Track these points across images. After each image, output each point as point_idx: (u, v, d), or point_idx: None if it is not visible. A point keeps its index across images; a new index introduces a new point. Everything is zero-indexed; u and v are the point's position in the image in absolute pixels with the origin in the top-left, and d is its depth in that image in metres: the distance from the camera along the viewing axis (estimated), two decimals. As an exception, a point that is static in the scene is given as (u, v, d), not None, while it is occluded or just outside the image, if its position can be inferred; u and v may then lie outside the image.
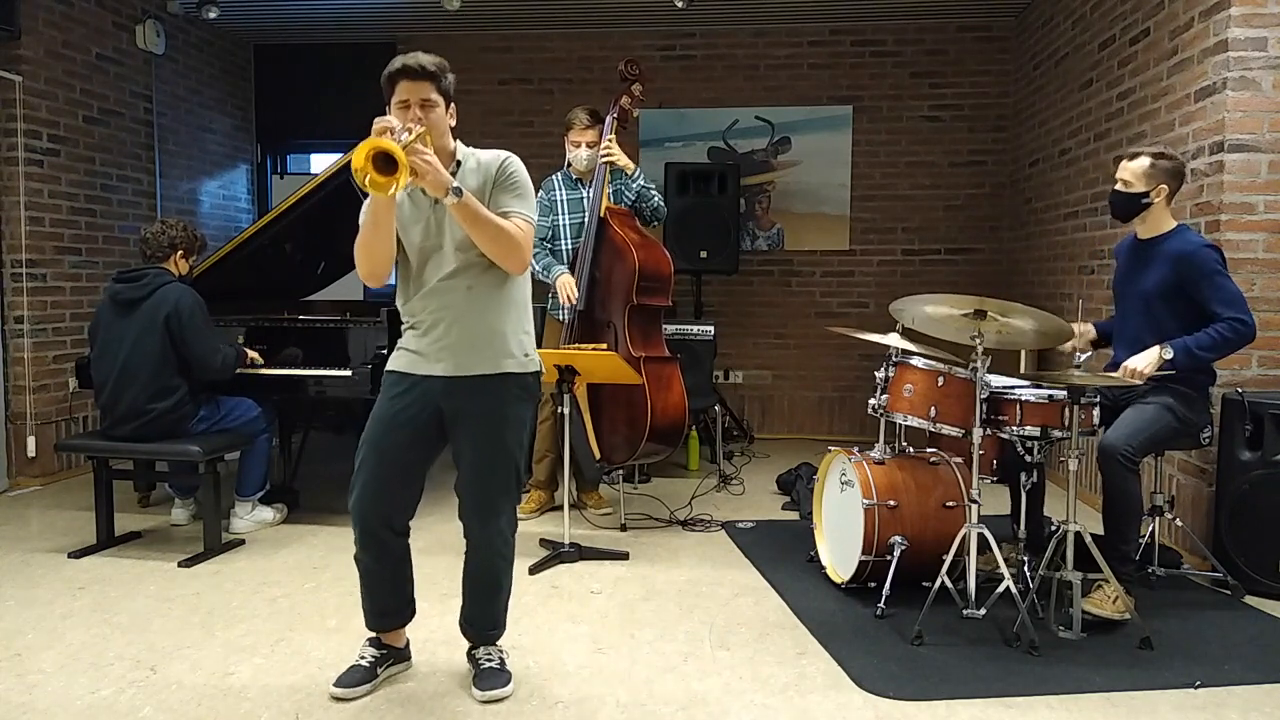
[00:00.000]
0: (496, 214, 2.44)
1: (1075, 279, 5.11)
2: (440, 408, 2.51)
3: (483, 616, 2.69)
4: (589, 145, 4.25)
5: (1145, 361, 3.09)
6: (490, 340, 2.51)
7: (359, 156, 2.17)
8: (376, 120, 2.29)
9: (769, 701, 2.58)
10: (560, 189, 4.35)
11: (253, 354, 4.11)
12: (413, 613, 2.76)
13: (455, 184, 2.31)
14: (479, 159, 2.53)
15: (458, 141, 2.55)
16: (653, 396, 3.99)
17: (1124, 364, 3.13)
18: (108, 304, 3.85)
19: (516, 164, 2.53)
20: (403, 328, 2.59)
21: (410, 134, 2.29)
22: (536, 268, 4.30)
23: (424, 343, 2.52)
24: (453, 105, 2.50)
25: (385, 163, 2.18)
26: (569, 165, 4.36)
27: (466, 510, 2.58)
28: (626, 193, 4.31)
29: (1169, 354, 3.08)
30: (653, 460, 4.65)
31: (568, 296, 4.14)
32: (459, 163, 2.51)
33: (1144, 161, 3.22)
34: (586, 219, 4.28)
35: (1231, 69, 3.65)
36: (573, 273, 4.23)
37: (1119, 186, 3.27)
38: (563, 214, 4.33)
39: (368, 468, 2.52)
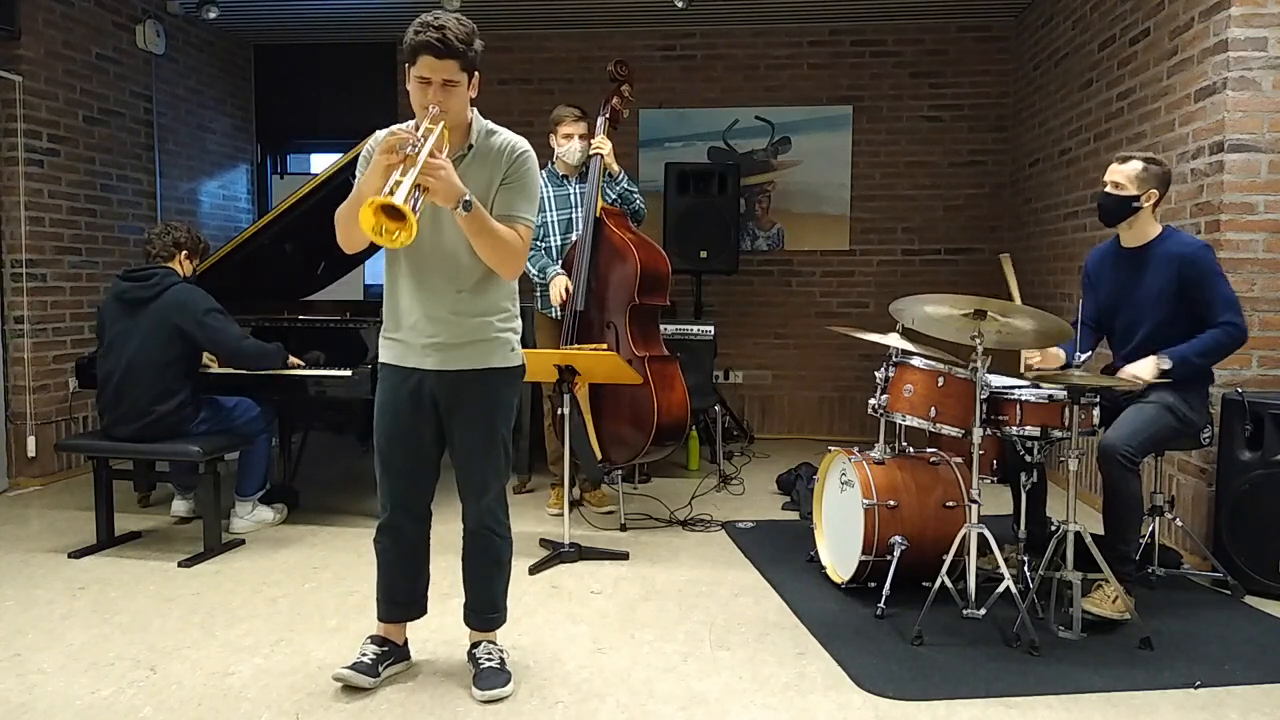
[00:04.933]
0: (500, 215, 2.43)
1: (1075, 279, 5.11)
2: (435, 396, 2.54)
3: (484, 600, 2.70)
4: (580, 138, 4.26)
5: (1144, 369, 3.13)
6: (480, 340, 2.52)
7: (366, 218, 2.11)
8: (385, 139, 2.26)
9: (769, 701, 2.58)
10: (546, 186, 4.33)
11: (295, 360, 4.04)
12: (422, 610, 2.78)
13: (467, 195, 2.28)
14: (493, 144, 2.47)
15: (474, 111, 2.48)
16: (657, 396, 3.99)
17: (1123, 369, 3.15)
18: (112, 302, 3.84)
19: (531, 162, 2.50)
20: (384, 313, 2.58)
21: (425, 140, 2.24)
22: (533, 271, 4.30)
23: (411, 334, 2.52)
24: (476, 75, 2.43)
25: (393, 211, 2.14)
26: (554, 162, 4.35)
27: (460, 487, 2.64)
28: (609, 190, 4.31)
29: (1166, 364, 3.12)
30: (654, 459, 4.66)
31: (560, 297, 4.13)
32: (471, 146, 2.46)
33: (1136, 165, 3.22)
34: (574, 215, 4.29)
35: (1231, 69, 3.65)
36: (566, 271, 4.23)
37: (1109, 189, 3.27)
38: (550, 211, 4.33)
39: (383, 455, 2.59)
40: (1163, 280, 3.22)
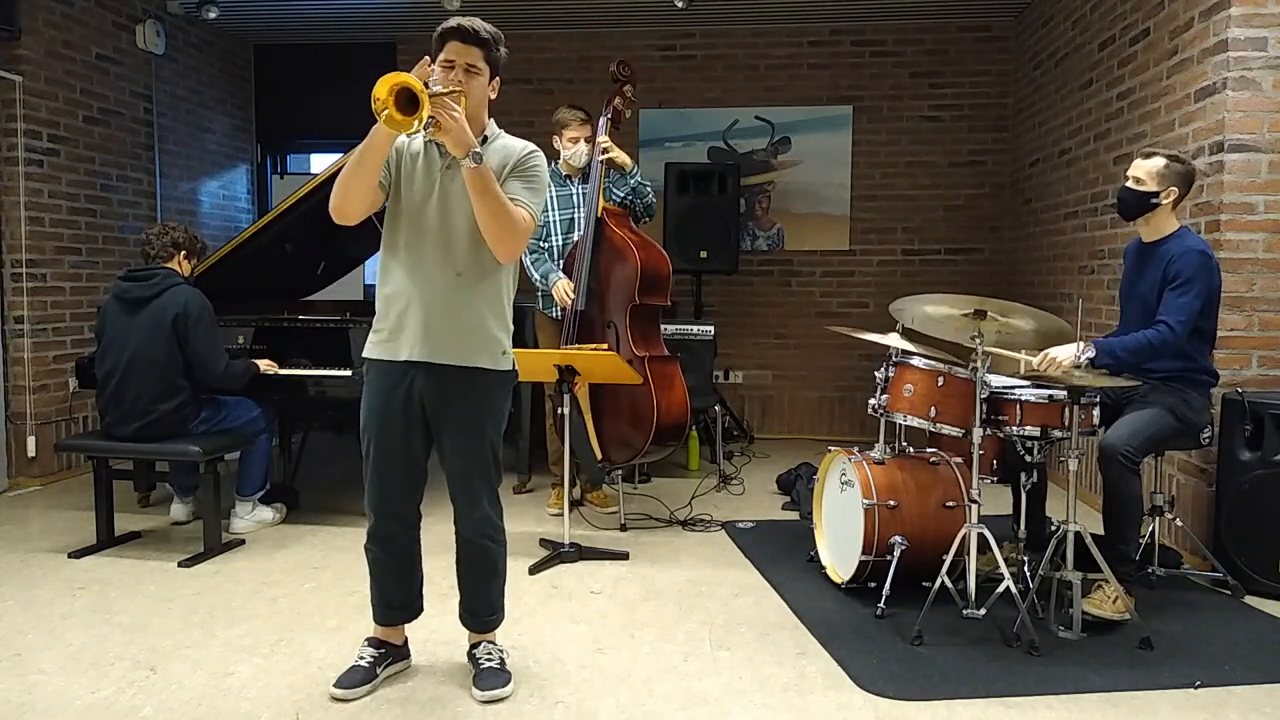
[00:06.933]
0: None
1: (1075, 279, 5.11)
2: (423, 398, 2.52)
3: (481, 603, 2.69)
4: (586, 140, 4.27)
5: (1063, 354, 3.03)
6: (471, 332, 2.51)
7: (382, 87, 2.11)
8: (418, 66, 2.27)
9: (769, 701, 2.58)
10: (549, 186, 4.33)
11: (264, 364, 4.05)
12: (419, 610, 2.78)
13: (478, 148, 2.30)
14: (506, 143, 2.54)
15: (491, 120, 2.55)
16: (657, 396, 3.99)
17: (1044, 351, 3.07)
18: (113, 302, 3.84)
19: (540, 160, 2.54)
20: (378, 302, 2.55)
21: (444, 88, 2.26)
22: (535, 275, 4.30)
23: (402, 321, 2.49)
24: (497, 80, 2.50)
25: (407, 102, 2.12)
26: (558, 162, 4.35)
27: (451, 493, 2.62)
28: (615, 190, 4.32)
29: (1090, 354, 3.03)
30: (654, 459, 4.65)
31: (564, 299, 4.13)
32: (485, 139, 2.50)
33: (1159, 161, 3.20)
34: (576, 215, 4.30)
35: (1231, 69, 3.65)
36: (567, 271, 4.23)
37: (1130, 184, 3.24)
38: (552, 210, 4.34)
39: (372, 460, 2.57)
40: (1153, 280, 3.21)
